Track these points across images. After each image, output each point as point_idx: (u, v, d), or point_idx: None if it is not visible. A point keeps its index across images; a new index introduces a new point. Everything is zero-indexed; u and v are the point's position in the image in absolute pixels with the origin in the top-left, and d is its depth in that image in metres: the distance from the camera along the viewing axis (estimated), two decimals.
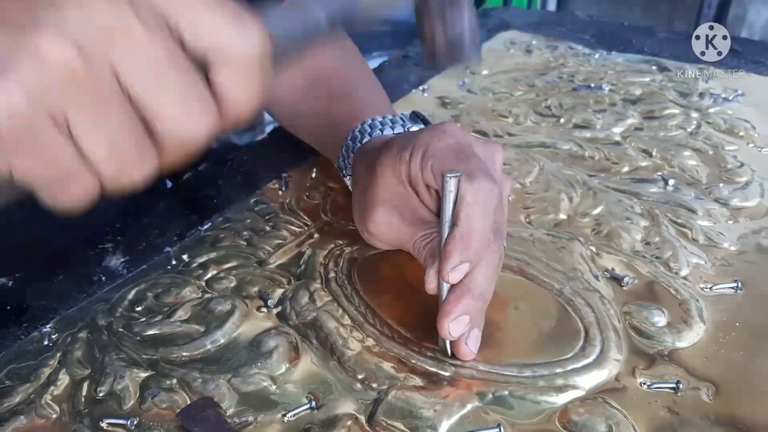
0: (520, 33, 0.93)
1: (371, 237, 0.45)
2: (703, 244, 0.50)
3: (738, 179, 0.58)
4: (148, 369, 0.40)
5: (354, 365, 0.40)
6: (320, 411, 0.37)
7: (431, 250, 0.40)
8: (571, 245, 0.49)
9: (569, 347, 0.40)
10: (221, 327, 0.42)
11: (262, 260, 0.49)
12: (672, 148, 0.63)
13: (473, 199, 0.37)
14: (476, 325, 0.39)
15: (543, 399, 0.37)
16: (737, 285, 0.45)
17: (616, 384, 0.38)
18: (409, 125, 0.50)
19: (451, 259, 0.37)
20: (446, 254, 0.37)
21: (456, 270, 0.37)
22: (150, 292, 0.46)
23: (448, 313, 0.37)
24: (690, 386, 0.38)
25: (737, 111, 0.70)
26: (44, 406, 0.38)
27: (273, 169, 0.60)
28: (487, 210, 0.38)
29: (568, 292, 0.44)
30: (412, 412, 0.36)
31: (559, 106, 0.71)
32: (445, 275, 0.37)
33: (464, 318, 0.38)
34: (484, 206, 0.38)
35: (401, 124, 0.50)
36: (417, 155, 0.41)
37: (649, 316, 0.43)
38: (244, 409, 0.37)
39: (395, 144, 0.43)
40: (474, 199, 0.37)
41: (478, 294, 0.38)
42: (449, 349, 0.39)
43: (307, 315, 0.43)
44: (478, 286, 0.38)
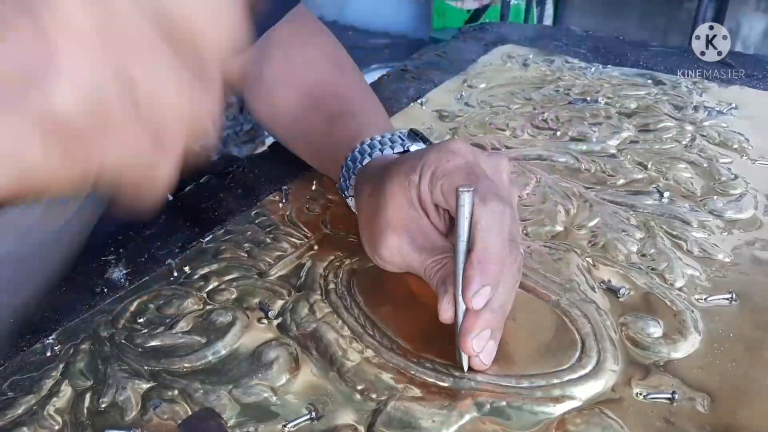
0: (517, 47, 0.94)
1: (383, 262, 0.45)
2: (698, 256, 0.50)
3: (732, 191, 0.59)
4: (150, 380, 0.40)
5: (353, 376, 0.40)
6: (320, 422, 0.37)
7: (442, 277, 0.40)
8: (567, 257, 0.50)
9: (566, 358, 0.41)
10: (222, 338, 0.43)
11: (262, 272, 0.49)
12: (667, 161, 0.63)
13: (487, 223, 0.38)
14: (495, 337, 0.39)
15: (540, 409, 0.38)
16: (732, 296, 0.46)
17: (612, 394, 0.39)
18: (408, 144, 0.50)
19: (472, 285, 0.37)
20: (467, 281, 0.37)
21: (478, 295, 0.37)
22: (152, 303, 0.46)
23: (471, 329, 0.38)
24: (685, 397, 0.38)
25: (731, 124, 0.71)
26: (47, 417, 0.38)
27: (273, 182, 0.61)
28: (502, 231, 0.38)
29: (565, 303, 0.45)
30: (410, 422, 0.37)
31: (555, 119, 0.72)
32: (468, 302, 0.37)
33: (486, 333, 0.38)
34: (498, 228, 0.38)
35: (400, 143, 0.50)
36: (426, 177, 0.42)
37: (644, 327, 0.43)
38: (245, 419, 0.37)
39: (402, 166, 0.44)
40: (488, 222, 0.38)
41: (498, 307, 0.38)
42: (466, 364, 0.40)
43: (308, 326, 0.44)
44: (497, 300, 0.38)
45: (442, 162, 0.42)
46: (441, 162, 0.42)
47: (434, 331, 0.43)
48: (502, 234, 0.38)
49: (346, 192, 0.52)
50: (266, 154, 0.67)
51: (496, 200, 0.39)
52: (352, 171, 0.51)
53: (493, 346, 0.39)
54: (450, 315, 0.39)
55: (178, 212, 0.57)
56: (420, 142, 0.51)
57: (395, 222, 0.43)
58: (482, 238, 0.37)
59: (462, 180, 0.40)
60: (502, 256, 0.38)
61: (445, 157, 0.42)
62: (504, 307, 0.39)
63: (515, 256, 0.40)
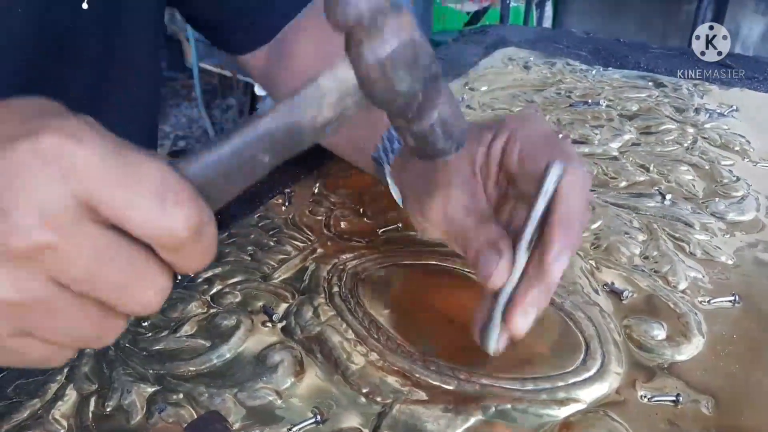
0: (518, 50, 0.94)
1: (429, 224, 0.42)
2: (701, 258, 0.50)
3: (734, 194, 0.59)
4: (155, 384, 0.40)
5: (358, 379, 0.40)
6: (325, 425, 0.37)
7: (490, 240, 0.37)
8: (571, 259, 0.50)
9: (570, 361, 0.41)
10: (227, 342, 0.43)
11: (266, 275, 0.49)
12: (669, 163, 0.63)
13: (572, 185, 0.36)
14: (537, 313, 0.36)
15: (545, 412, 0.38)
16: (735, 298, 0.46)
17: (617, 397, 0.39)
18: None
19: (555, 246, 0.35)
20: (550, 243, 0.35)
21: (560, 256, 0.35)
22: None
23: (521, 303, 0.35)
24: (690, 399, 0.38)
25: (732, 126, 0.71)
26: (52, 421, 0.38)
27: (276, 185, 0.61)
28: (585, 194, 0.37)
29: (569, 306, 0.45)
30: (416, 425, 0.37)
31: (557, 122, 0.72)
32: (547, 266, 0.35)
33: (533, 310, 0.36)
34: (582, 191, 0.37)
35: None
36: (500, 138, 0.40)
37: (648, 330, 0.43)
38: (251, 423, 0.38)
39: (472, 128, 0.40)
40: (572, 184, 0.36)
41: (553, 283, 0.36)
42: (495, 346, 0.37)
43: (312, 329, 0.44)
44: (554, 276, 0.36)
45: (522, 127, 0.40)
46: (521, 127, 0.40)
47: (439, 333, 0.43)
48: (583, 200, 0.37)
49: (386, 159, 0.49)
50: None
51: (579, 164, 0.37)
52: (397, 140, 0.48)
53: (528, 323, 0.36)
54: (501, 279, 0.36)
55: None
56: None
57: (450, 183, 0.41)
58: (566, 201, 0.35)
59: (542, 146, 0.38)
60: (583, 220, 0.37)
61: (526, 123, 0.40)
62: (554, 282, 0.36)
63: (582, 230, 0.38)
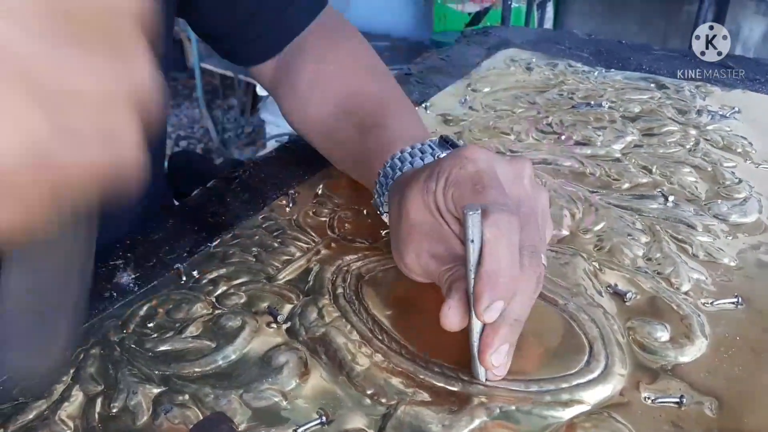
0: (520, 51, 0.94)
1: (409, 271, 0.45)
2: (704, 260, 0.51)
3: (736, 195, 0.59)
4: (161, 385, 0.40)
5: (363, 380, 0.40)
6: (331, 426, 0.38)
7: (451, 282, 0.40)
8: (574, 261, 0.50)
9: (574, 362, 0.41)
10: (232, 343, 0.43)
11: (270, 276, 0.49)
12: (671, 165, 0.64)
13: (492, 236, 0.37)
14: (511, 351, 0.39)
15: (549, 414, 0.38)
16: (738, 300, 0.46)
17: (620, 399, 0.39)
18: (438, 152, 0.49)
19: (482, 300, 0.36)
20: (477, 296, 0.37)
21: (490, 309, 0.37)
22: (161, 308, 0.46)
23: (489, 345, 0.38)
24: (693, 400, 0.39)
25: (734, 128, 0.71)
26: (58, 422, 0.38)
27: (280, 186, 0.61)
28: (510, 243, 0.37)
29: (572, 307, 0.45)
30: (420, 427, 0.37)
31: (560, 123, 0.72)
32: (480, 316, 0.37)
33: (504, 348, 0.38)
34: (505, 240, 0.37)
35: (430, 152, 0.49)
36: (440, 184, 0.41)
37: (652, 331, 0.43)
38: (256, 424, 0.38)
39: (422, 173, 0.43)
40: (493, 235, 0.37)
41: (514, 321, 0.38)
42: (483, 376, 0.40)
43: (316, 331, 0.44)
44: (512, 313, 0.38)
45: (454, 169, 0.41)
46: (453, 169, 0.41)
47: (442, 335, 0.43)
48: (510, 246, 0.37)
49: (381, 209, 0.52)
50: (272, 158, 0.68)
51: (500, 213, 0.38)
52: (385, 187, 0.50)
53: (509, 358, 0.39)
54: (450, 322, 0.38)
55: (185, 217, 0.57)
56: (450, 149, 0.49)
57: (415, 229, 0.43)
58: (489, 251, 0.37)
59: (469, 191, 0.40)
60: (511, 269, 0.37)
61: (459, 163, 0.41)
62: (520, 321, 0.39)
63: (533, 266, 0.39)
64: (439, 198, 0.42)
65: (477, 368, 0.39)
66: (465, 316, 0.38)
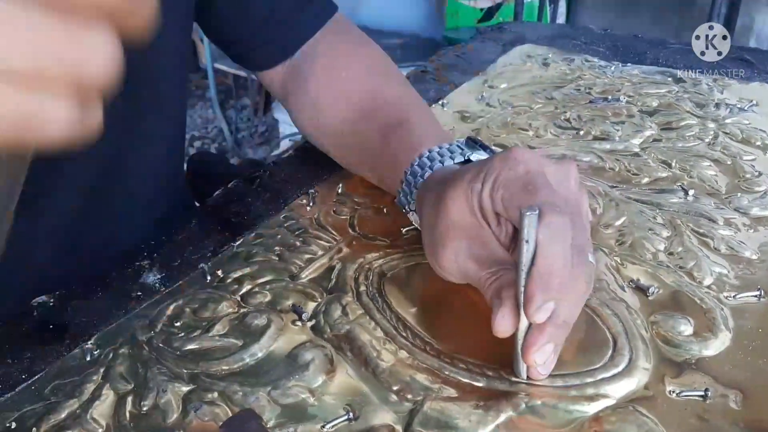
0: (536, 46, 0.94)
1: (443, 271, 0.45)
2: (725, 253, 0.51)
3: (757, 189, 0.59)
4: (190, 383, 0.41)
5: (388, 377, 0.41)
6: (357, 422, 0.38)
7: (497, 289, 0.39)
8: (596, 256, 0.50)
9: (598, 357, 0.41)
10: (258, 341, 0.44)
11: (294, 275, 0.50)
12: (691, 159, 0.64)
13: (548, 238, 0.37)
14: (557, 349, 0.39)
15: (575, 408, 0.38)
16: (760, 293, 0.46)
17: (645, 392, 0.39)
18: (468, 153, 0.49)
19: (535, 301, 0.36)
20: (529, 297, 0.36)
21: (541, 310, 0.36)
22: (187, 307, 0.47)
23: (534, 343, 0.37)
24: (718, 394, 0.39)
25: (752, 120, 0.71)
26: (90, 421, 0.39)
27: (300, 185, 0.61)
28: (563, 245, 0.37)
29: (595, 302, 0.45)
30: (447, 422, 0.38)
31: (578, 119, 0.72)
32: (530, 317, 0.37)
33: (549, 347, 0.38)
34: (560, 243, 0.37)
35: (460, 153, 0.49)
36: (488, 185, 0.41)
37: (675, 326, 0.44)
38: (285, 421, 0.38)
39: (465, 175, 0.43)
40: (548, 237, 0.37)
41: (562, 322, 0.38)
42: (524, 373, 0.39)
43: (341, 328, 0.44)
44: (562, 315, 0.38)
45: (504, 170, 0.41)
46: (503, 170, 0.41)
47: (466, 331, 0.44)
48: (563, 249, 0.37)
49: (407, 207, 0.52)
50: (291, 158, 0.68)
51: (554, 214, 0.38)
52: (414, 185, 0.50)
53: (554, 357, 0.39)
54: (504, 329, 0.38)
55: (208, 217, 0.58)
56: (480, 150, 0.50)
57: (455, 230, 0.43)
58: (543, 252, 0.37)
59: (520, 192, 0.40)
60: (564, 271, 0.37)
61: (508, 165, 0.41)
62: (568, 323, 0.38)
63: (581, 267, 0.39)
64: (485, 199, 0.42)
65: (519, 366, 0.39)
66: (516, 321, 0.38)
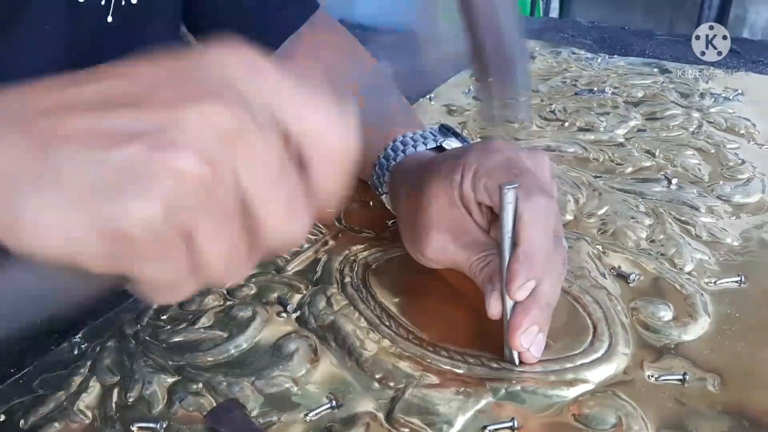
0: (524, 40, 0.95)
1: (427, 260, 0.45)
2: (707, 240, 0.51)
3: (740, 176, 0.59)
4: (175, 374, 0.41)
5: (371, 365, 0.41)
6: (341, 410, 0.38)
7: (488, 274, 0.40)
8: (578, 245, 0.51)
9: (579, 343, 0.42)
10: (243, 332, 0.44)
11: (280, 268, 0.50)
12: (674, 148, 0.64)
13: (532, 217, 0.38)
14: (543, 331, 0.39)
15: (554, 393, 0.39)
16: (741, 279, 0.47)
17: (624, 377, 0.40)
18: (440, 139, 0.50)
19: (518, 279, 0.37)
20: (512, 274, 0.38)
21: (523, 288, 0.38)
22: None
23: (519, 325, 0.38)
24: (696, 377, 0.39)
25: (738, 110, 0.71)
26: (76, 412, 0.39)
27: None
28: (547, 225, 0.39)
29: (576, 290, 0.46)
30: (428, 408, 0.38)
31: (563, 110, 0.73)
32: (512, 294, 0.38)
33: (534, 328, 0.39)
34: (543, 222, 0.38)
35: (433, 139, 0.50)
36: (468, 176, 0.42)
37: (655, 311, 0.44)
38: (268, 409, 0.39)
39: (442, 166, 0.44)
40: (532, 216, 0.38)
41: (545, 303, 0.39)
42: (517, 359, 0.40)
43: (325, 319, 0.45)
44: (544, 296, 0.39)
45: (483, 160, 0.42)
46: (482, 160, 0.42)
47: (448, 319, 0.44)
48: (546, 229, 0.38)
49: (380, 189, 0.53)
50: None
51: (540, 194, 0.39)
52: (386, 168, 0.51)
53: (542, 339, 0.40)
54: (498, 311, 0.39)
55: None
56: (452, 137, 0.51)
57: (439, 222, 0.44)
58: (527, 232, 0.38)
59: (505, 177, 0.40)
60: (546, 251, 0.38)
61: (486, 155, 0.42)
62: (550, 304, 0.39)
63: (560, 250, 0.41)
64: (466, 189, 0.42)
65: (509, 352, 0.40)
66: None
